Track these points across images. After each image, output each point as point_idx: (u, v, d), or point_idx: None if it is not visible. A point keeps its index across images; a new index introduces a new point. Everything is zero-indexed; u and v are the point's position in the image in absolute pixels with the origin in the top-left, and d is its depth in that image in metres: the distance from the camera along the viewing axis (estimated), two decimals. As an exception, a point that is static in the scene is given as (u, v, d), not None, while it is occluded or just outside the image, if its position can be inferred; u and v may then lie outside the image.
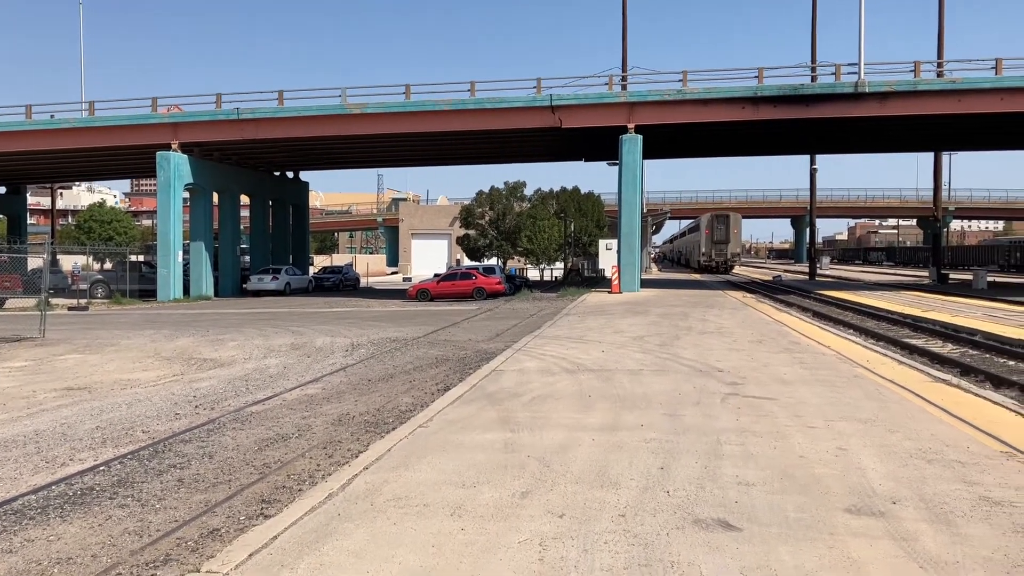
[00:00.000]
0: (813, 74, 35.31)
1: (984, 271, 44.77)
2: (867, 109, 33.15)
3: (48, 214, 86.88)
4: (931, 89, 32.61)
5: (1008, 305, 28.30)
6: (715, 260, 68.30)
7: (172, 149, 38.68)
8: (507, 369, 12.85)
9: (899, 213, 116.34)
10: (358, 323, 24.64)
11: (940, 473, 6.59)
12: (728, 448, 7.45)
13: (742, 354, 14.32)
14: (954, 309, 26.31)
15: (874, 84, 32.69)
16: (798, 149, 49.24)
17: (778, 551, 4.92)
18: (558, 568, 4.69)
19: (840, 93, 33.01)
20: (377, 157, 50.90)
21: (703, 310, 24.98)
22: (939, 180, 50.15)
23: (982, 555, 4.84)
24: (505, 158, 50.80)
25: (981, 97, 32.09)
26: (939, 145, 46.86)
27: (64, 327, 23.99)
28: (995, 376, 13.12)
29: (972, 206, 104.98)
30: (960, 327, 20.15)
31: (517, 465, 6.96)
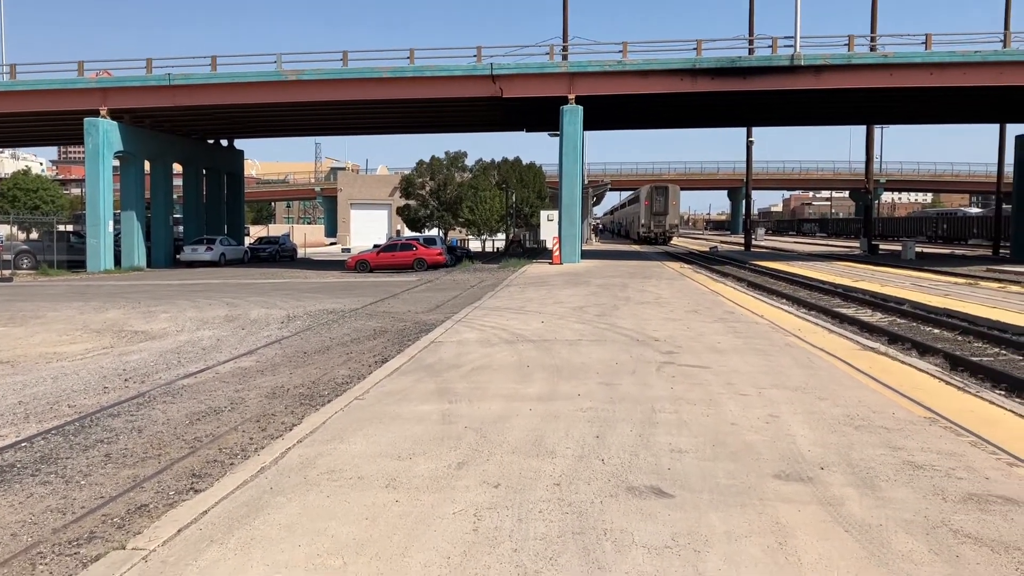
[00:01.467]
0: (751, 47, 35.63)
1: (913, 242, 46.09)
2: (803, 82, 33.63)
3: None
4: (864, 63, 33.21)
5: (934, 275, 29.21)
6: (654, 231, 68.93)
7: (101, 115, 37.43)
8: (446, 340, 12.80)
9: (832, 185, 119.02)
10: (295, 295, 24.30)
11: (867, 439, 6.76)
12: (662, 416, 7.53)
13: (678, 324, 14.49)
14: (883, 279, 27.03)
15: (809, 57, 33.14)
16: (736, 121, 49.80)
17: (709, 517, 4.99)
18: (492, 538, 4.69)
19: (777, 66, 33.41)
20: (315, 125, 50.00)
21: (641, 281, 25.23)
22: (871, 153, 51.26)
23: (904, 518, 4.98)
24: (446, 127, 50.36)
25: (912, 71, 32.80)
26: (871, 118, 47.85)
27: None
28: (921, 344, 13.52)
29: (902, 178, 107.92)
30: (889, 296, 20.72)
31: (454, 436, 6.94)
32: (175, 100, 37.13)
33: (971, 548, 4.52)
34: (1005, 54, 32.55)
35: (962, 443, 6.63)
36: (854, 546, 4.55)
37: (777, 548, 4.53)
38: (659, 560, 4.37)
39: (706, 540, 4.64)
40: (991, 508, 5.14)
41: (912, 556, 4.42)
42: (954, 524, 4.87)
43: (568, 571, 4.25)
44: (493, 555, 4.45)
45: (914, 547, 4.54)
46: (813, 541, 4.62)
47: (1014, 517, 4.99)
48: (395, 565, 4.34)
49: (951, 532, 4.75)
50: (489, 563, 4.34)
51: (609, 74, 34.73)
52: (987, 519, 4.96)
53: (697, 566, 4.29)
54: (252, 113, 41.41)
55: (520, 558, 4.40)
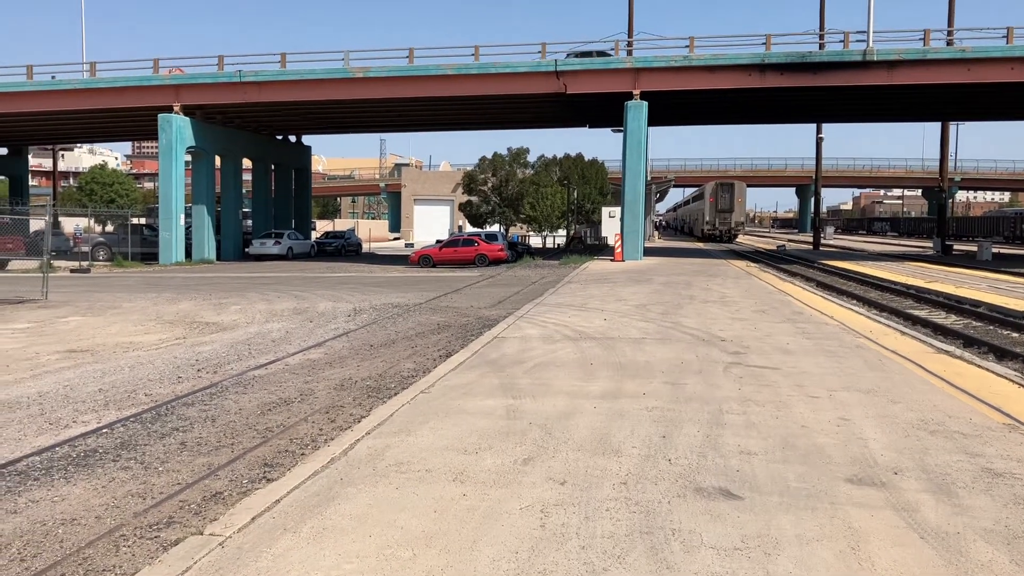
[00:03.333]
0: (821, 42, 35.00)
1: (989, 242, 44.64)
2: (875, 77, 32.84)
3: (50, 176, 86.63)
4: (940, 58, 32.27)
5: (1013, 277, 28.24)
6: (719, 229, 68.04)
7: (174, 111, 38.44)
8: (509, 336, 12.85)
9: (904, 183, 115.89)
10: (360, 288, 24.63)
11: (942, 444, 6.59)
12: (730, 417, 7.45)
13: (745, 323, 14.30)
14: (958, 280, 26.25)
15: (882, 52, 32.34)
16: (804, 117, 48.88)
17: (779, 520, 4.93)
18: (559, 535, 4.70)
19: (848, 61, 32.69)
20: (380, 122, 50.59)
21: (706, 279, 24.94)
22: (946, 150, 49.79)
23: (983, 526, 4.85)
24: (509, 124, 50.53)
25: (991, 66, 31.75)
26: (947, 115, 46.46)
27: (66, 289, 24.00)
28: (999, 348, 13.10)
29: (978, 177, 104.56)
30: (964, 298, 20.11)
31: (519, 432, 6.97)
32: (245, 96, 37.93)
33: (1055, 560, 4.38)
34: (1091, 48, 31.30)
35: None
36: (930, 553, 4.45)
37: (850, 553, 4.45)
38: (728, 561, 4.33)
39: (776, 543, 4.58)
40: (1076, 519, 4.97)
41: (992, 566, 4.30)
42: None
43: (636, 570, 4.24)
44: (561, 552, 4.46)
45: (994, 557, 4.42)
46: (887, 547, 4.53)
47: (1101, 529, 4.81)
48: (464, 558, 4.39)
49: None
50: (557, 559, 4.36)
51: (675, 69, 34.39)
52: (1072, 531, 4.79)
53: (768, 568, 4.24)
54: (319, 109, 42.09)
55: (588, 555, 4.41)
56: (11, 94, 39.34)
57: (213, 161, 42.79)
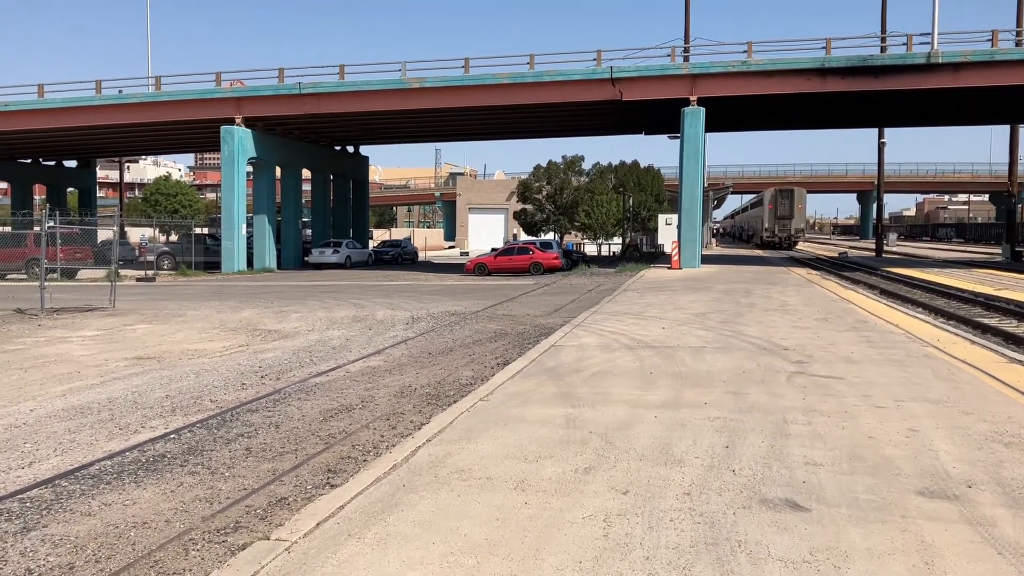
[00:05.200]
0: (883, 44, 34.24)
1: (1061, 249, 43.09)
2: (940, 80, 32.08)
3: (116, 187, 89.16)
4: (1009, 59, 31.40)
5: (1086, 284, 27.24)
6: (778, 236, 67.03)
7: (236, 123, 39.27)
8: (566, 344, 12.82)
9: (970, 188, 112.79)
10: (417, 296, 24.83)
11: (1018, 457, 6.38)
12: (794, 427, 7.32)
13: (807, 332, 14.05)
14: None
15: (948, 54, 31.58)
16: (866, 122, 47.95)
17: (848, 533, 4.82)
18: (623, 544, 4.66)
19: (911, 64, 31.99)
20: (435, 131, 51.03)
21: (766, 287, 24.59)
22: (1015, 153, 48.32)
23: (1064, 542, 4.68)
24: (564, 132, 50.49)
25: (1062, 67, 30.80)
26: (1016, 117, 45.11)
27: (132, 298, 24.66)
28: (1074, 357, 12.64)
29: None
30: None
31: (579, 441, 6.94)
32: (304, 108, 38.60)
33: None
34: None
35: None
36: (1009, 570, 4.31)
37: (924, 567, 4.33)
38: (796, 574, 4.24)
39: (846, 556, 4.48)
40: None
41: (1074, 584, 4.14)
42: (1122, 552, 4.54)
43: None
44: (625, 562, 4.42)
45: (1077, 574, 4.26)
46: (963, 562, 4.40)
47: None
48: (528, 566, 4.38)
49: (1118, 560, 4.43)
50: (621, 570, 4.32)
51: (732, 75, 34.04)
52: None
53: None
54: (377, 120, 42.63)
55: (652, 566, 4.36)
56: (80, 108, 40.63)
57: (274, 172, 43.61)
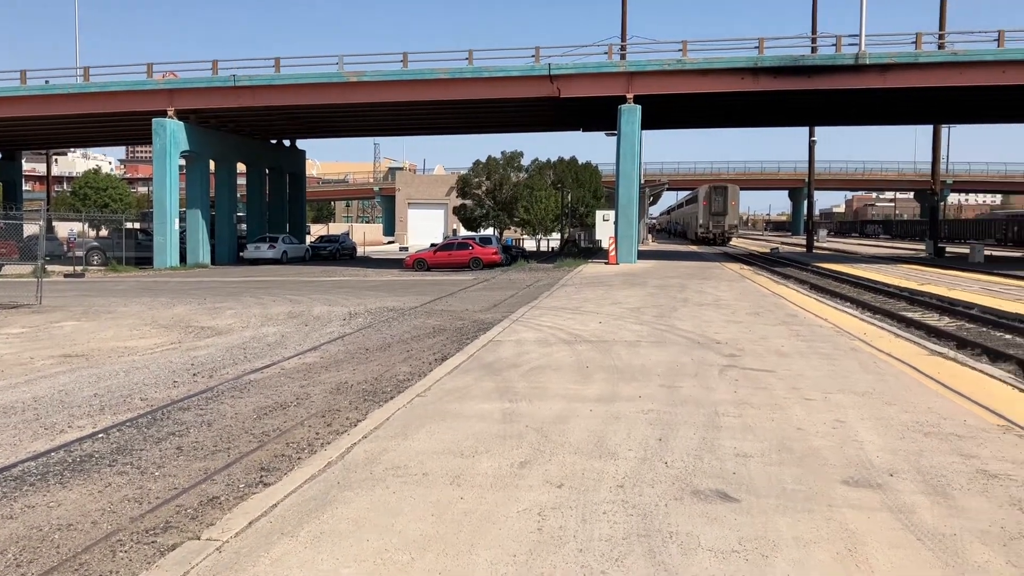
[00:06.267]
0: (814, 45, 35.08)
1: (981, 245, 44.78)
2: (868, 81, 32.96)
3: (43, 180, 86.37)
4: (932, 61, 32.39)
5: (1005, 279, 28.33)
6: (712, 232, 68.16)
7: (168, 116, 38.38)
8: (505, 340, 12.86)
9: (897, 186, 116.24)
10: (355, 292, 24.62)
11: (937, 446, 6.62)
12: (726, 420, 7.47)
13: (740, 326, 14.33)
14: (951, 282, 26.33)
15: (875, 56, 32.46)
16: (797, 121, 49.04)
17: (776, 522, 4.94)
18: (557, 537, 4.71)
19: (841, 65, 32.79)
20: (374, 126, 50.60)
21: (700, 282, 24.99)
22: (938, 153, 49.91)
23: (979, 528, 4.87)
24: (503, 127, 50.56)
25: (983, 69, 31.89)
26: (939, 117, 46.60)
27: (60, 294, 23.94)
28: (992, 350, 13.15)
29: (970, 179, 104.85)
30: (957, 300, 20.18)
31: (515, 435, 6.98)
32: (239, 101, 37.91)
33: (1050, 561, 4.40)
34: (1082, 51, 31.46)
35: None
36: (927, 555, 4.47)
37: (847, 555, 4.47)
38: (726, 564, 4.34)
39: (774, 545, 4.60)
40: (1071, 520, 5.00)
41: (989, 568, 4.32)
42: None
43: (634, 573, 4.25)
44: (559, 555, 4.47)
45: (991, 558, 4.44)
46: (884, 549, 4.55)
47: (1095, 530, 4.84)
48: (462, 562, 4.39)
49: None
50: (555, 562, 4.37)
51: (668, 73, 34.47)
52: (1066, 531, 4.82)
53: (765, 571, 4.26)
54: (314, 114, 42.08)
55: (586, 559, 4.42)
56: (5, 99, 39.22)
57: (207, 165, 42.74)
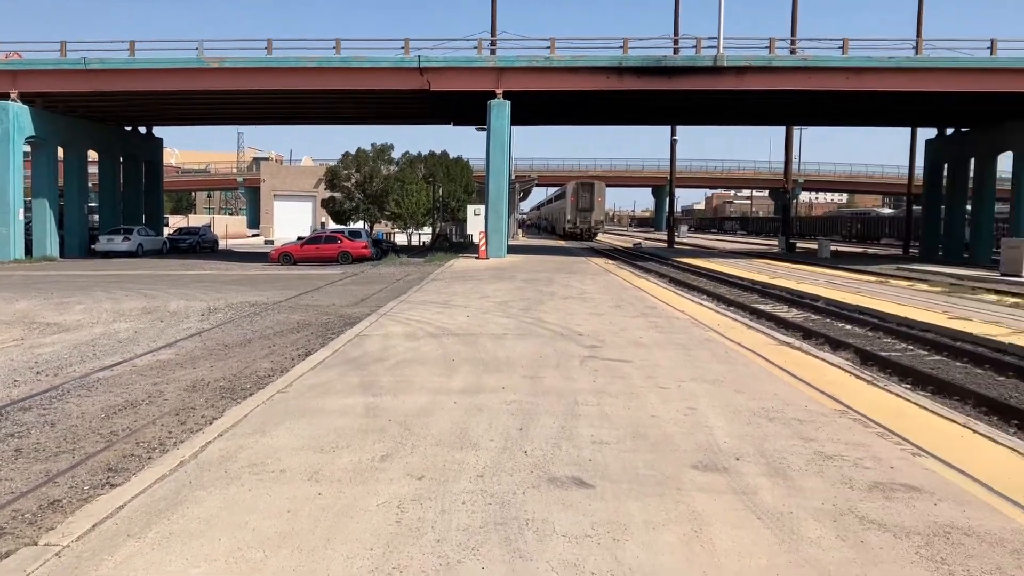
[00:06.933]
0: (676, 47, 36.24)
1: (828, 241, 47.61)
2: (725, 83, 34.36)
3: None
4: (784, 65, 34.11)
5: (848, 273, 30.23)
6: (580, 227, 69.55)
7: (11, 99, 35.93)
8: (371, 334, 12.74)
9: (753, 184, 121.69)
10: (216, 287, 23.80)
11: (780, 431, 7.00)
12: (585, 409, 7.66)
13: (602, 319, 14.71)
14: (800, 276, 27.86)
15: (732, 59, 33.88)
16: (661, 120, 50.61)
17: (628, 507, 5.11)
18: (415, 529, 4.72)
19: (700, 66, 34.05)
20: (237, 114, 48.90)
21: (567, 276, 25.48)
22: (790, 153, 52.70)
23: (814, 506, 5.18)
24: (373, 119, 49.94)
25: (829, 75, 33.82)
26: (791, 119, 49.18)
27: None
28: (834, 339, 14.03)
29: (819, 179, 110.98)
30: (804, 293, 21.38)
31: (378, 429, 6.94)
32: (91, 85, 35.90)
33: (875, 534, 4.74)
34: (917, 60, 33.85)
35: (870, 434, 6.92)
36: (766, 533, 4.73)
37: (693, 536, 4.67)
38: (579, 548, 4.46)
39: (625, 528, 4.76)
40: (895, 496, 5.39)
41: (820, 542, 4.61)
42: (860, 511, 5.09)
43: (490, 560, 4.31)
44: (416, 546, 4.48)
45: (822, 534, 4.74)
46: (727, 529, 4.78)
47: (916, 504, 5.24)
48: (316, 557, 4.34)
49: (857, 519, 4.96)
50: (412, 554, 4.38)
51: (537, 70, 34.91)
52: (891, 506, 5.20)
53: (615, 554, 4.40)
54: (172, 100, 40.30)
55: (443, 549, 4.45)
56: None
57: (55, 152, 40.27)
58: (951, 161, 44.60)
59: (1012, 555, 4.46)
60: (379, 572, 4.17)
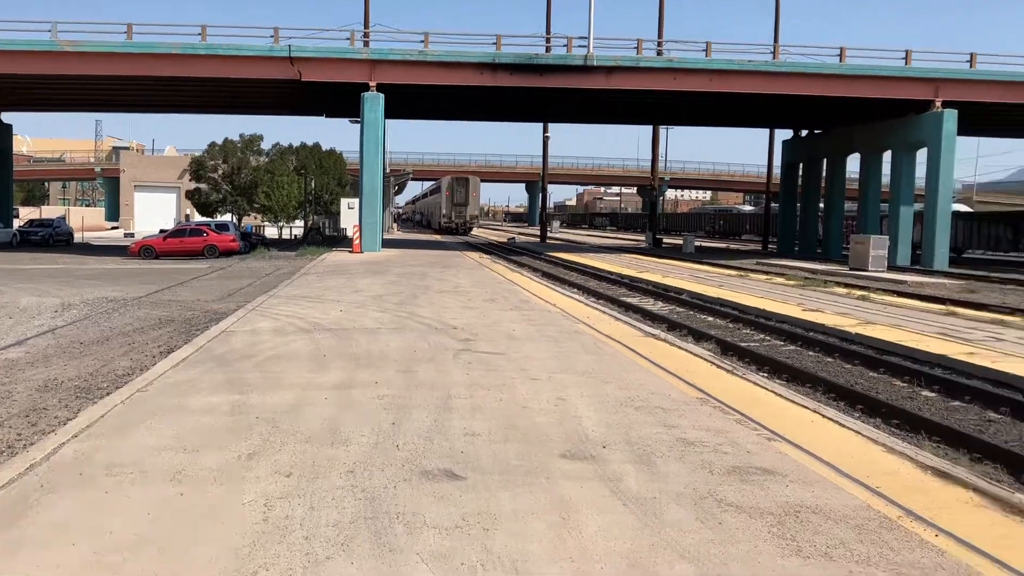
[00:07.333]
0: (548, 45, 36.72)
1: (693, 236, 49.43)
2: (595, 81, 35.08)
3: None
4: (651, 66, 35.13)
5: (711, 267, 31.48)
6: (455, 222, 69.63)
7: None
8: (239, 330, 12.39)
9: (623, 182, 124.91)
10: (72, 281, 22.57)
11: (645, 419, 7.24)
12: (458, 402, 7.71)
13: (476, 312, 14.80)
14: (666, 271, 28.82)
15: (601, 58, 34.62)
16: (535, 117, 51.20)
17: (498, 497, 5.19)
18: (283, 527, 4.64)
19: (571, 65, 34.64)
20: (96, 100, 46.30)
21: (441, 270, 25.48)
22: (656, 152, 54.35)
23: (675, 490, 5.40)
24: (241, 109, 48.44)
25: (694, 76, 35.05)
26: (659, 119, 50.70)
27: None
28: (696, 331, 14.60)
29: (685, 177, 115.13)
30: (670, 287, 22.14)
31: (245, 427, 6.77)
32: (-72, 65, 33.32)
33: (732, 515, 4.98)
34: (774, 65, 35.52)
35: (729, 421, 7.26)
36: (630, 518, 4.89)
37: (560, 523, 4.79)
38: (449, 540, 4.50)
39: (495, 518, 4.83)
40: (751, 479, 5.68)
41: (681, 525, 4.81)
42: (719, 494, 5.34)
43: (359, 555, 4.29)
44: (283, 544, 4.41)
45: (683, 517, 4.94)
46: (593, 515, 4.92)
47: (769, 486, 5.53)
48: (178, 559, 4.21)
49: (716, 502, 5.20)
50: (279, 552, 4.31)
51: (411, 63, 34.69)
52: (747, 489, 5.47)
53: (485, 543, 4.46)
54: (23, 84, 37.82)
55: (311, 546, 4.40)
56: None
57: None
58: (806, 161, 47.09)
59: (854, 530, 4.79)
60: (243, 572, 4.08)
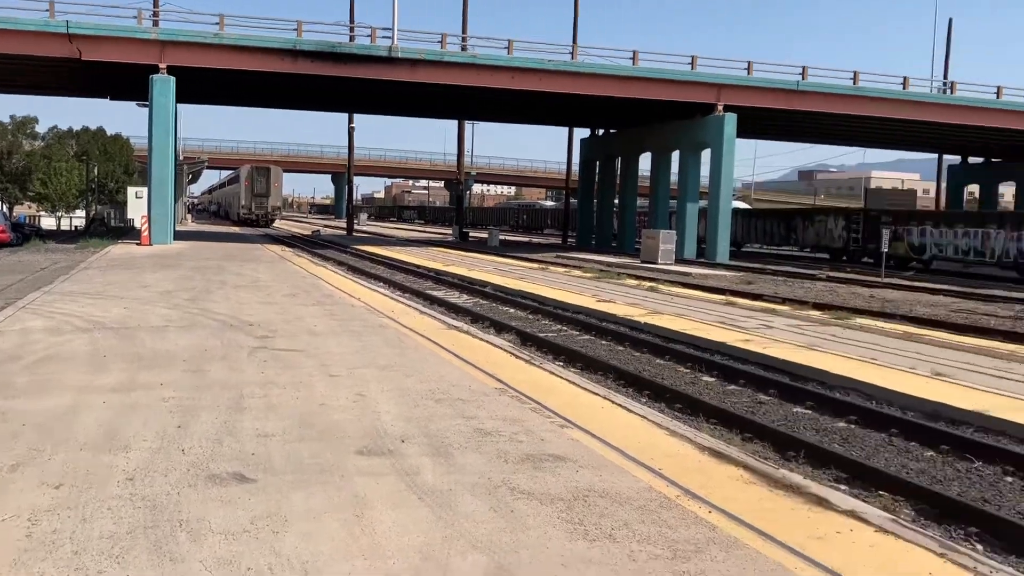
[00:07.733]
0: (351, 34, 36.16)
1: (498, 230, 50.40)
2: (400, 74, 34.92)
3: None
4: (455, 61, 35.41)
5: (514, 260, 32.22)
6: (255, 213, 67.25)
7: None
8: (5, 330, 11.32)
9: (431, 175, 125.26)
10: None
11: (445, 411, 7.28)
12: (251, 401, 7.43)
13: (275, 307, 14.34)
14: (471, 264, 29.18)
15: (406, 51, 34.49)
16: (339, 106, 50.28)
17: (291, 498, 5.04)
18: (49, 542, 4.28)
19: (375, 56, 34.27)
20: None
21: (239, 264, 24.49)
22: (462, 147, 54.87)
23: (471, 481, 5.45)
24: (13, 88, 44.30)
25: (497, 73, 35.67)
26: (464, 114, 51.18)
27: None
28: (498, 323, 14.89)
29: (491, 172, 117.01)
30: (475, 280, 22.45)
31: (9, 435, 6.19)
32: None
33: (524, 503, 5.09)
34: (572, 65, 36.79)
35: (525, 410, 7.43)
36: (425, 512, 4.89)
37: (354, 521, 4.71)
38: (236, 544, 4.32)
39: (286, 520, 4.68)
40: (543, 466, 5.83)
41: (474, 515, 4.86)
42: (512, 483, 5.44)
43: (136, 567, 4.02)
44: (49, 560, 4.06)
45: (477, 507, 5.00)
46: (388, 510, 4.88)
47: (560, 472, 5.71)
48: (-78, 587, 3.78)
49: (509, 490, 5.30)
50: (44, 569, 3.96)
51: (205, 46, 33.07)
52: (539, 476, 5.61)
53: (274, 546, 4.32)
54: None
55: (82, 560, 4.08)
56: None
57: None
58: (602, 159, 49.16)
59: (637, 511, 5.03)
60: (1, 595, 3.73)
